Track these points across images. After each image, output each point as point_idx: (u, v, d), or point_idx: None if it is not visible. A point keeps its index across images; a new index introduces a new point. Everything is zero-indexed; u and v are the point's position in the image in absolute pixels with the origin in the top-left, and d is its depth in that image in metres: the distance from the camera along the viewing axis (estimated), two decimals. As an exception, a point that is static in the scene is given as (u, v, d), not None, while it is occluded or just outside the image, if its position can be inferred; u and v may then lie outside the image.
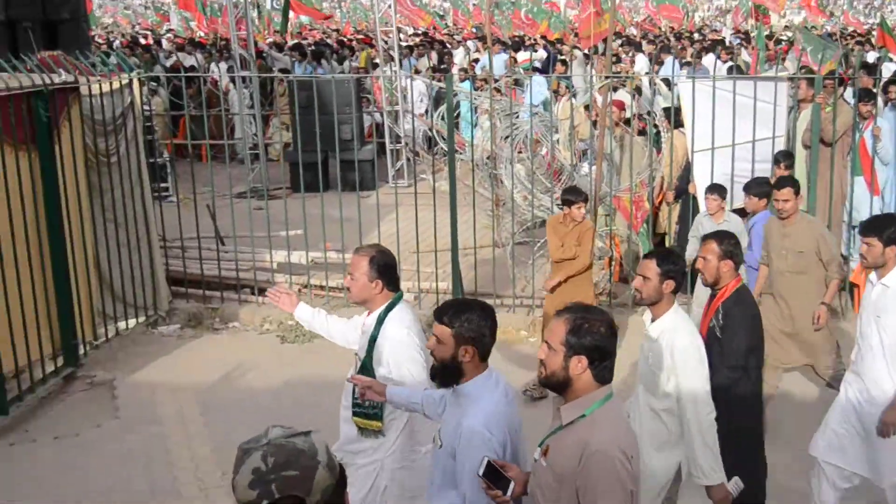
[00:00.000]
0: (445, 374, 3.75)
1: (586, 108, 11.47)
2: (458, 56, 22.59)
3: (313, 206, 9.68)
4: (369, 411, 4.55)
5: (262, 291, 9.63)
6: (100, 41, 26.34)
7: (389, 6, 16.09)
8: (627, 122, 10.61)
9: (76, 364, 8.07)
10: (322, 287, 9.62)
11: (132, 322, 9.01)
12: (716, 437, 4.70)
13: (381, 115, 14.98)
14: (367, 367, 4.54)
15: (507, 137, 11.03)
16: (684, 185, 9.48)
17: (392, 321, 4.52)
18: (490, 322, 3.74)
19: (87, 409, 7.55)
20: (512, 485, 3.44)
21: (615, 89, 10.79)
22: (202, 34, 27.85)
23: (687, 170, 9.45)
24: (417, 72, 15.55)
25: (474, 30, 32.66)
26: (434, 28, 33.40)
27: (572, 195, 7.69)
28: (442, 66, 17.76)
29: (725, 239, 5.24)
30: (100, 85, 8.27)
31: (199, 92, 14.09)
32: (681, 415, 4.73)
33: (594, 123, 9.89)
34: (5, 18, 14.37)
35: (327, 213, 9.45)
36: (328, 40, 26.12)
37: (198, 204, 9.73)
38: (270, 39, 25.94)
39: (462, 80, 15.11)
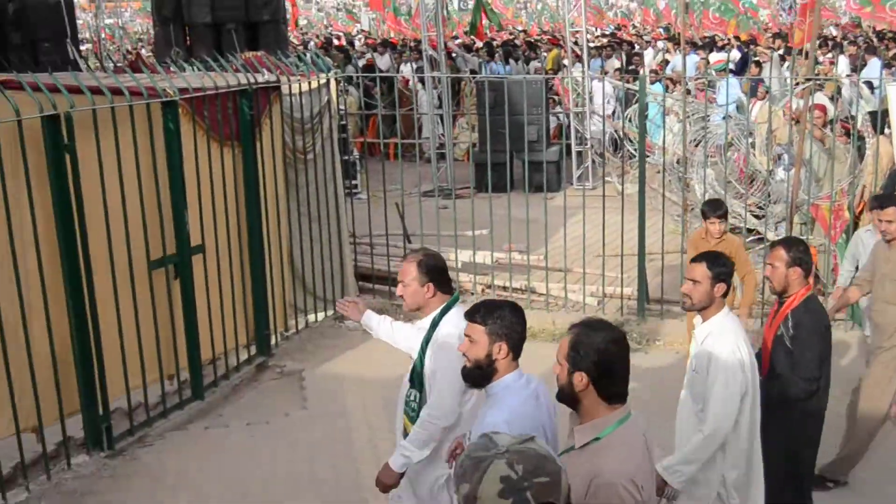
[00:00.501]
0: (479, 374, 3.73)
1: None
2: (648, 57, 22.14)
3: (498, 206, 9.68)
4: (412, 414, 4.54)
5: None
6: (295, 41, 27.36)
7: (575, 7, 15.96)
8: (827, 125, 10.08)
9: (268, 354, 8.37)
10: (505, 288, 9.61)
11: (321, 315, 9.27)
12: (709, 455, 4.53)
13: (568, 116, 14.85)
14: (417, 369, 4.48)
15: (698, 141, 10.70)
16: (889, 194, 8.89)
17: (447, 324, 4.43)
18: (521, 320, 3.74)
19: (276, 398, 7.81)
20: None
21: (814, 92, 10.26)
22: (393, 34, 28.45)
23: (892, 178, 8.87)
24: (605, 73, 15.30)
25: (661, 30, 31.91)
26: (622, 28, 32.89)
27: (708, 207, 7.19)
28: (630, 68, 17.43)
29: (794, 245, 5.05)
30: (299, 84, 8.54)
31: (390, 91, 14.40)
32: (704, 416, 4.52)
33: (794, 127, 9.44)
34: (211, 20, 15.14)
35: (511, 214, 9.43)
36: (515, 41, 26.14)
37: (387, 202, 9.90)
38: (459, 40, 26.22)
39: (653, 83, 14.79)
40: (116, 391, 6.78)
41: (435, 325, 4.45)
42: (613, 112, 15.72)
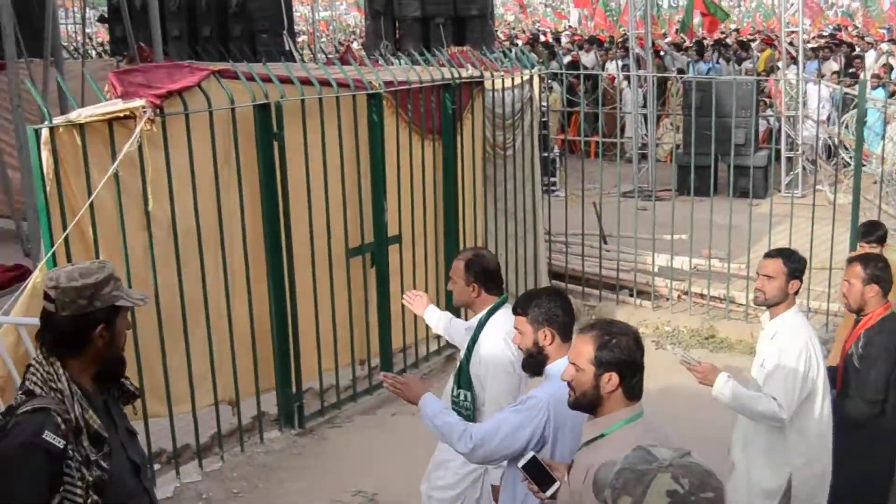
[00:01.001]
0: (532, 363, 3.83)
1: None
2: (869, 60, 20.84)
3: (699, 210, 9.35)
4: (465, 413, 4.47)
5: (640, 293, 9.53)
6: (501, 37, 27.51)
7: (793, 5, 15.23)
8: None
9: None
10: (702, 295, 9.28)
11: (511, 311, 9.24)
12: (751, 411, 4.49)
13: (779, 120, 14.20)
14: (463, 369, 4.47)
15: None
16: None
17: (492, 326, 4.45)
18: (561, 302, 3.83)
19: (463, 391, 7.84)
20: (557, 485, 3.37)
21: None
22: (602, 31, 28.14)
23: None
24: (821, 76, 14.51)
25: (884, 31, 29.95)
26: (843, 28, 31.16)
27: (864, 229, 6.46)
28: (850, 71, 16.46)
29: (871, 262, 4.86)
30: (502, 80, 8.53)
31: (594, 89, 14.22)
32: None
33: None
34: (420, 15, 15.40)
35: (713, 220, 9.08)
36: (727, 40, 25.26)
37: (584, 201, 9.76)
38: (669, 38, 25.61)
39: (874, 87, 13.91)
40: (309, 372, 7.00)
41: (481, 326, 4.47)
42: (828, 117, 14.92)
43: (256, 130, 6.22)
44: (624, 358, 3.13)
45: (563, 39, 27.36)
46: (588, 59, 19.12)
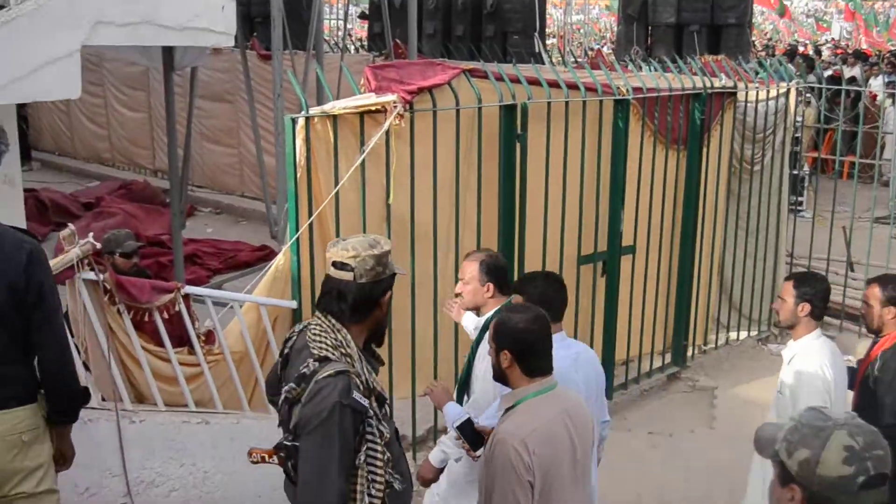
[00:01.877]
0: None
1: None
2: None
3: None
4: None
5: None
6: (758, 46, 26.44)
7: None
8: None
9: (682, 365, 8.17)
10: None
11: (743, 334, 8.87)
12: None
13: None
14: (470, 363, 4.52)
15: None
16: None
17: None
18: (553, 286, 4.19)
19: (683, 412, 7.59)
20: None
21: None
22: (866, 45, 26.48)
23: None
24: None
25: None
26: None
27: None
28: None
29: (890, 284, 4.81)
30: (756, 92, 8.18)
31: (853, 106, 13.39)
32: None
33: None
34: (675, 21, 15.06)
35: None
36: None
37: (833, 224, 9.20)
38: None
39: None
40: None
41: (487, 325, 4.33)
42: None
43: (501, 130, 6.27)
44: (516, 338, 3.43)
45: (825, 52, 25.96)
46: (851, 73, 18.02)
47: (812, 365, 4.53)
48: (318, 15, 10.14)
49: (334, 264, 3.25)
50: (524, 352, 3.44)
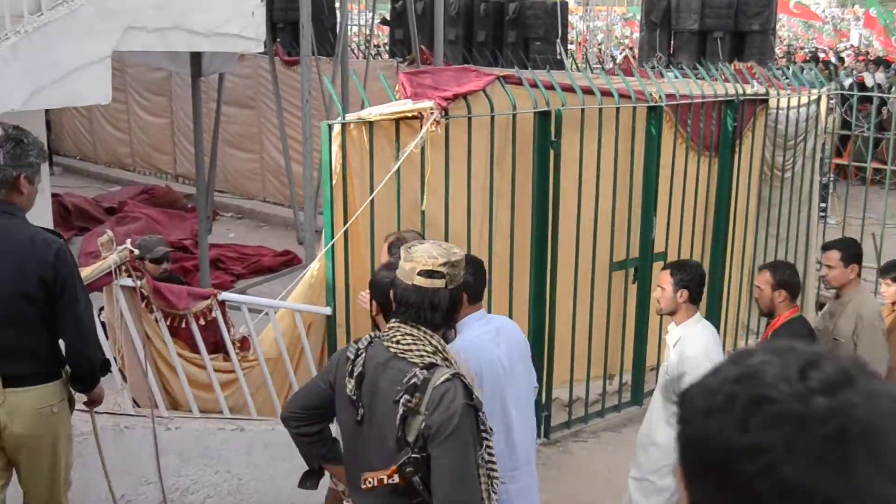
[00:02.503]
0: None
1: None
2: None
3: None
4: None
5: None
6: (779, 53, 26.33)
7: None
8: None
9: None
10: None
11: (773, 341, 8.79)
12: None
13: None
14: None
15: None
16: None
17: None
18: (473, 268, 4.13)
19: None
20: None
21: None
22: (886, 52, 26.35)
23: None
24: None
25: None
26: None
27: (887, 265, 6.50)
28: None
29: (780, 268, 5.23)
30: (788, 98, 8.11)
31: (877, 112, 13.30)
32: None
33: None
34: (698, 28, 14.99)
35: None
36: None
37: (864, 231, 9.12)
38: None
39: None
40: (559, 382, 6.94)
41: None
42: None
43: (535, 137, 6.23)
44: (384, 291, 3.55)
45: (846, 59, 25.84)
46: (873, 79, 17.90)
47: (696, 347, 4.77)
48: (344, 21, 10.12)
49: (422, 273, 3.16)
50: (384, 303, 3.62)
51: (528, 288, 6.53)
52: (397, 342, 3.15)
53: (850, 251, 5.63)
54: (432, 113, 5.39)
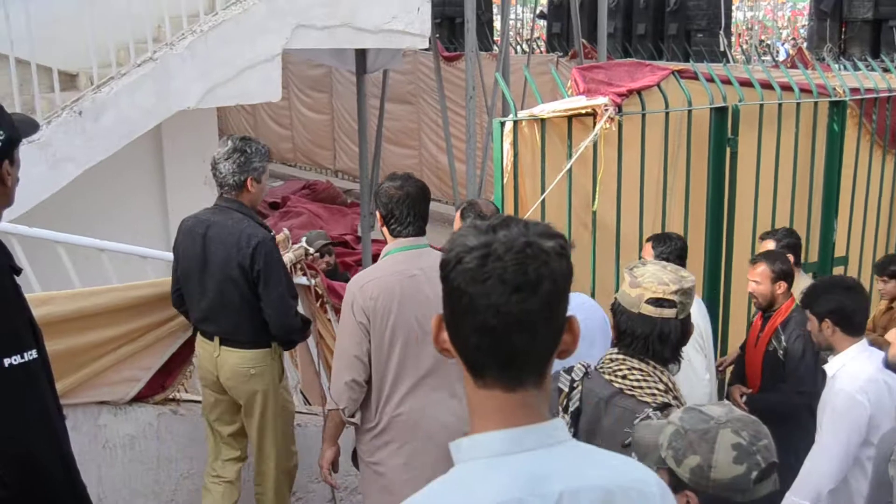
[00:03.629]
0: None
1: None
2: None
3: None
4: None
5: None
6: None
7: None
8: None
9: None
10: None
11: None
12: None
13: None
14: None
15: None
16: None
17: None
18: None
19: None
20: None
21: None
22: None
23: None
24: None
25: None
26: None
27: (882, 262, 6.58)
28: None
29: (777, 260, 5.18)
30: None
31: None
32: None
33: None
34: (872, 17, 14.24)
35: None
36: None
37: None
38: None
39: None
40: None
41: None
42: None
43: (711, 134, 5.98)
44: (384, 202, 3.84)
45: None
46: None
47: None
48: (506, 16, 10.02)
49: (650, 301, 2.92)
50: (389, 214, 3.84)
51: (701, 292, 6.28)
52: (623, 377, 2.93)
53: None
54: (607, 109, 5.23)
